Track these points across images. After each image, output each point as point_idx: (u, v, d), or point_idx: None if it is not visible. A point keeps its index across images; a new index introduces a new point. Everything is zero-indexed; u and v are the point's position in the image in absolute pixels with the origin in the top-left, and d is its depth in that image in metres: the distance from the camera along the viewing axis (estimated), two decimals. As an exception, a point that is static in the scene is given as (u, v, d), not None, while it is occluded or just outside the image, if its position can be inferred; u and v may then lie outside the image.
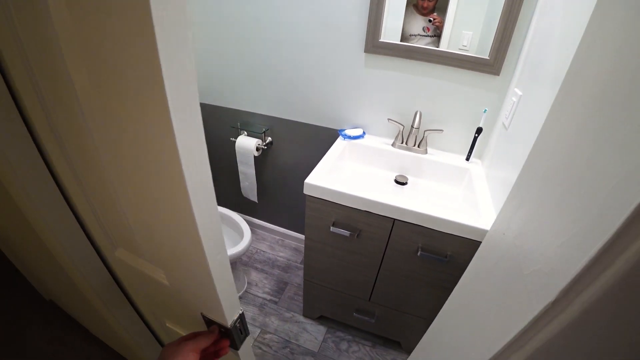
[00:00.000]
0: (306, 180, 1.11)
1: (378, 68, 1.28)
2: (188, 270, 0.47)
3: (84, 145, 0.46)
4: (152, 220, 0.46)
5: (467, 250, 0.99)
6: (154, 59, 0.27)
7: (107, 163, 0.44)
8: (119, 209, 0.51)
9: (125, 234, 0.57)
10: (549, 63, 0.84)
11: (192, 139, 0.34)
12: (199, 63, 1.64)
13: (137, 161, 0.39)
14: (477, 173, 1.22)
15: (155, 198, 0.41)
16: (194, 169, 0.34)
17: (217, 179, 2.05)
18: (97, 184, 0.52)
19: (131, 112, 0.34)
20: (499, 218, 0.68)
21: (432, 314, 1.24)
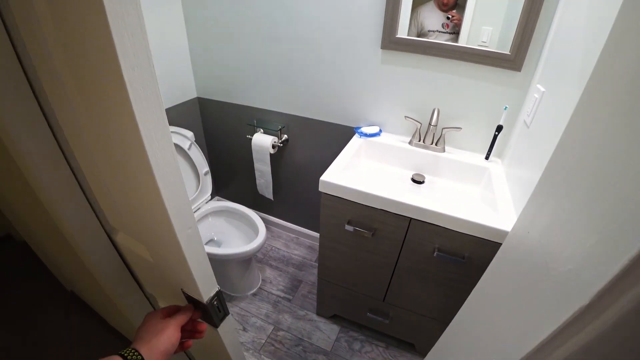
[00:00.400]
0: (321, 178, 1.10)
1: (395, 64, 1.26)
2: (163, 245, 0.49)
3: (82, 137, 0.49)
4: (132, 200, 0.49)
5: (485, 251, 0.97)
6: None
7: (96, 149, 0.48)
8: (108, 191, 0.55)
9: (119, 215, 0.60)
10: (574, 58, 0.81)
11: (151, 118, 0.36)
12: (215, 61, 1.65)
13: (109, 143, 0.43)
14: (496, 172, 1.19)
15: (128, 176, 0.44)
16: (157, 145, 0.37)
17: (233, 176, 2.07)
18: (93, 169, 0.55)
19: (98, 100, 0.38)
20: (523, 216, 0.65)
21: (448, 316, 1.22)
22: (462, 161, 1.25)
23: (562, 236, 0.45)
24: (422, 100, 1.29)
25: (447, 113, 1.26)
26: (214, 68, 1.68)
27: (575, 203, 0.43)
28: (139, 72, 0.33)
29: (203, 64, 1.70)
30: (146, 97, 0.34)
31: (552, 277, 0.43)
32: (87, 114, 0.43)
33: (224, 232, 1.77)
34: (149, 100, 0.34)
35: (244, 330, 1.60)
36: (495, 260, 0.75)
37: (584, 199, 0.42)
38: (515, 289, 0.58)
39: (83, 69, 0.37)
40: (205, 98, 1.82)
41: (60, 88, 0.44)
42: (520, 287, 0.56)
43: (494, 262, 0.75)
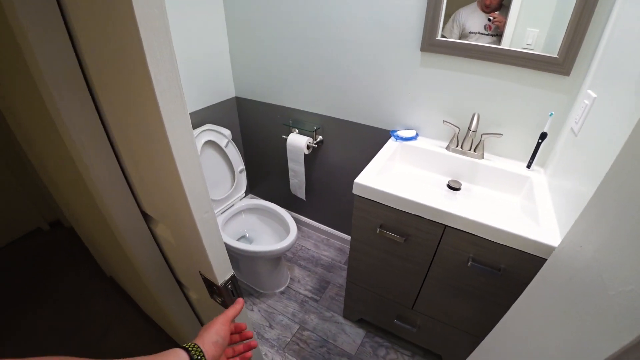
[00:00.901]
0: (356, 180, 1.09)
1: (434, 67, 1.24)
2: (183, 227, 0.53)
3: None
4: (159, 184, 0.53)
5: (523, 264, 0.92)
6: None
7: (134, 139, 0.51)
8: (142, 178, 0.58)
9: (152, 201, 0.64)
10: (633, 62, 0.75)
11: (173, 107, 0.39)
12: (254, 62, 1.68)
13: (142, 132, 0.46)
14: (538, 182, 1.13)
15: (156, 162, 0.47)
16: (178, 132, 0.40)
17: (267, 174, 2.10)
18: (132, 158, 0.58)
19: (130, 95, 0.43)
20: (574, 230, 0.61)
21: (480, 329, 1.18)
22: (502, 169, 1.20)
23: (621, 254, 0.41)
24: (461, 105, 1.26)
25: (488, 118, 1.22)
26: (253, 69, 1.72)
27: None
28: (162, 66, 0.36)
29: (242, 64, 1.74)
30: (169, 89, 0.37)
31: (610, 296, 0.40)
32: (124, 106, 0.47)
33: (256, 230, 1.80)
34: (171, 91, 0.38)
35: (270, 327, 1.62)
36: (541, 275, 0.71)
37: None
38: (563, 306, 0.54)
39: (119, 69, 0.41)
40: (243, 98, 1.87)
41: (103, 82, 0.47)
42: (571, 303, 0.52)
43: (540, 276, 0.71)
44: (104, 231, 0.96)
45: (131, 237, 0.69)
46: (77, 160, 0.60)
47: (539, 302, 0.68)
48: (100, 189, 0.60)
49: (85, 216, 1.20)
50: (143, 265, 0.75)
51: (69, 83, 0.50)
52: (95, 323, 1.65)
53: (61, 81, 0.49)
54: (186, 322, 0.99)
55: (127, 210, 0.66)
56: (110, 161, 0.60)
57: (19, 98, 0.90)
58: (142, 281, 0.92)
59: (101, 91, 0.52)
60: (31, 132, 1.10)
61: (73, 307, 1.73)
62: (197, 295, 0.86)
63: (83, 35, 0.46)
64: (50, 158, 1.05)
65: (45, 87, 0.49)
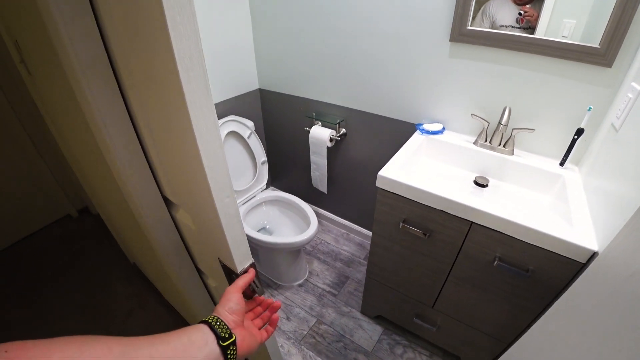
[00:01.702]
0: (380, 173, 1.06)
1: (464, 58, 1.19)
2: (203, 211, 0.53)
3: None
4: (179, 167, 0.52)
5: (554, 267, 0.87)
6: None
7: (154, 122, 0.52)
8: (162, 161, 0.58)
9: (171, 184, 0.64)
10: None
11: (196, 86, 0.38)
12: (278, 53, 1.67)
13: (163, 113, 0.46)
14: (572, 180, 1.07)
15: (177, 144, 0.47)
16: (200, 112, 0.39)
17: (288, 167, 2.10)
18: (153, 141, 0.58)
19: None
20: (624, 233, 0.56)
21: (503, 333, 1.13)
22: (533, 166, 1.14)
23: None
24: (492, 98, 1.20)
25: (520, 112, 1.16)
26: (277, 61, 1.71)
27: None
28: (187, 44, 0.35)
29: (266, 56, 1.74)
30: (192, 68, 0.36)
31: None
32: (146, 89, 0.46)
33: (276, 222, 1.80)
34: (195, 71, 0.37)
35: (287, 319, 1.62)
36: (583, 280, 0.65)
37: None
38: (615, 316, 0.50)
39: (142, 50, 0.40)
40: (266, 89, 1.86)
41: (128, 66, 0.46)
42: (624, 315, 0.48)
43: (581, 282, 0.65)
44: (127, 218, 0.98)
45: (152, 223, 0.70)
46: (102, 147, 0.61)
47: (578, 311, 0.62)
48: (123, 174, 0.61)
49: (110, 203, 1.23)
50: (164, 250, 0.76)
51: (96, 69, 0.50)
52: (118, 307, 1.70)
53: (89, 68, 0.49)
54: (205, 310, 1.00)
55: (149, 195, 0.67)
56: (133, 146, 0.60)
57: (49, 87, 0.92)
58: (162, 267, 0.93)
59: (126, 76, 0.52)
60: (61, 122, 1.14)
61: (99, 290, 1.79)
62: (216, 283, 0.86)
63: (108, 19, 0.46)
64: (78, 147, 1.08)
65: (73, 73, 0.49)
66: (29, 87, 1.32)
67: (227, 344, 0.44)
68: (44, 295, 1.77)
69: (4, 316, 1.66)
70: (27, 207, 2.11)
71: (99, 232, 2.16)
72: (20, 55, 1.06)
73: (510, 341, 1.14)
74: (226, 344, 0.44)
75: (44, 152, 2.04)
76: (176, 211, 0.71)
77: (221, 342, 0.43)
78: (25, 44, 0.90)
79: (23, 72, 1.18)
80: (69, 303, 1.72)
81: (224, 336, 0.44)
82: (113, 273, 1.89)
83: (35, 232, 2.20)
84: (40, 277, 1.88)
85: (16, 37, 0.98)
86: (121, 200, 0.79)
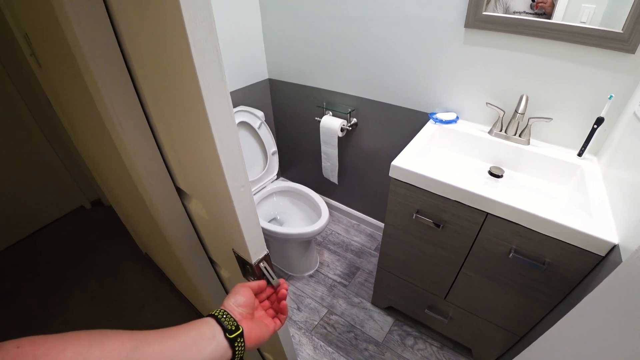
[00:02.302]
0: (393, 163, 1.05)
1: (479, 45, 1.15)
2: (218, 201, 0.52)
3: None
4: (193, 156, 0.51)
5: (572, 259, 0.85)
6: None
7: (166, 107, 0.50)
8: (175, 150, 0.58)
9: (184, 174, 0.63)
10: None
11: (210, 71, 0.36)
12: (287, 43, 1.65)
13: (175, 99, 0.45)
14: (591, 171, 1.04)
15: (190, 130, 0.46)
16: (214, 98, 0.38)
17: (298, 158, 2.09)
18: (165, 128, 0.57)
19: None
20: None
21: (517, 326, 1.12)
22: (550, 156, 1.11)
23: None
24: (508, 86, 1.17)
25: (537, 101, 1.13)
26: (286, 50, 1.69)
27: None
28: (201, 27, 0.33)
29: (275, 45, 1.72)
30: (206, 51, 0.35)
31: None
32: (159, 75, 0.45)
33: (287, 212, 1.80)
34: (209, 55, 0.35)
35: (298, 309, 1.63)
36: (616, 276, 0.61)
37: None
38: None
39: (152, 34, 0.39)
40: (276, 79, 1.85)
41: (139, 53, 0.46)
42: None
43: (614, 278, 0.61)
44: (140, 208, 0.98)
45: (165, 213, 0.69)
46: (115, 138, 0.61)
47: (615, 311, 0.59)
48: (136, 164, 0.60)
49: (122, 195, 1.24)
50: (177, 241, 0.76)
51: (108, 59, 0.50)
52: (132, 297, 1.72)
53: (100, 58, 0.49)
54: (218, 300, 1.00)
55: (162, 186, 0.66)
56: (145, 136, 0.60)
57: (60, 79, 0.92)
58: (175, 258, 0.93)
59: (138, 66, 0.51)
60: (73, 114, 1.14)
61: (112, 281, 1.81)
62: (229, 273, 0.86)
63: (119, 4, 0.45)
64: (90, 140, 1.08)
65: (85, 63, 0.48)
66: (39, 79, 1.32)
67: (234, 336, 0.44)
68: (59, 285, 1.80)
69: (23, 303, 1.71)
70: (42, 200, 2.15)
71: (112, 223, 2.19)
72: (30, 47, 1.06)
73: (523, 334, 1.13)
74: (233, 336, 0.44)
75: (56, 144, 2.07)
76: (189, 202, 0.70)
77: (228, 335, 0.44)
78: (35, 37, 0.90)
79: (34, 64, 1.18)
80: (83, 292, 1.75)
81: (231, 329, 0.45)
82: (126, 264, 1.92)
83: (50, 224, 2.24)
84: (56, 267, 1.92)
85: (26, 30, 0.98)
86: (134, 191, 0.79)
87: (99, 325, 1.58)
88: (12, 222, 2.04)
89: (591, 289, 0.63)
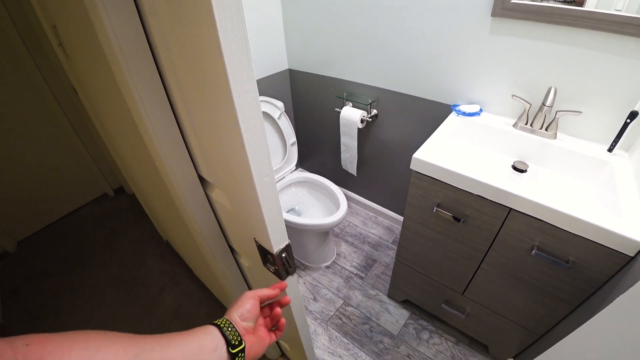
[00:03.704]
0: (415, 155, 1.03)
1: (507, 35, 1.11)
2: (241, 191, 0.52)
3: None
4: (217, 146, 0.52)
5: (598, 259, 0.83)
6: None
7: (192, 99, 0.51)
8: (199, 140, 0.58)
9: (207, 164, 0.64)
10: None
11: (238, 61, 0.36)
12: (308, 33, 1.64)
13: (202, 89, 0.45)
14: (621, 168, 1.00)
15: (216, 121, 0.46)
16: (241, 87, 0.38)
17: (317, 149, 2.09)
18: (190, 119, 0.58)
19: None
20: None
21: (536, 324, 1.10)
22: (577, 151, 1.07)
23: None
24: (535, 78, 1.13)
25: (566, 93, 1.09)
26: (306, 40, 1.67)
27: None
28: (229, 15, 0.33)
29: (295, 36, 1.71)
30: (234, 41, 0.35)
31: None
32: (182, 58, 0.46)
33: (305, 203, 1.81)
34: (237, 44, 0.35)
35: (314, 300, 1.64)
36: None
37: None
38: None
39: (180, 24, 0.40)
40: (296, 70, 1.84)
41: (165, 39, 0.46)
42: None
43: None
44: (162, 197, 1.00)
45: (188, 201, 0.71)
46: (140, 126, 0.62)
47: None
48: (160, 153, 0.61)
49: (145, 183, 1.26)
50: (198, 229, 0.77)
51: (134, 47, 0.50)
52: (152, 282, 1.77)
53: (127, 46, 0.49)
54: (236, 288, 1.02)
55: (185, 175, 0.67)
56: (170, 124, 0.61)
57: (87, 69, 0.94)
58: (196, 245, 0.95)
59: (164, 54, 0.51)
60: (99, 104, 1.17)
61: (133, 266, 1.87)
62: (249, 262, 0.87)
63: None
64: (115, 128, 1.11)
65: (112, 52, 0.49)
66: (66, 69, 1.36)
67: (236, 351, 0.44)
68: (83, 269, 1.88)
69: (49, 286, 1.78)
70: (68, 187, 2.23)
71: (134, 211, 2.25)
72: (58, 38, 1.09)
73: (542, 333, 1.10)
74: (235, 351, 0.44)
75: (82, 134, 2.14)
76: (212, 190, 0.71)
77: (231, 350, 0.44)
78: (63, 27, 0.92)
79: (61, 55, 1.21)
80: (106, 277, 1.82)
81: (234, 343, 0.45)
82: (147, 250, 1.97)
83: (76, 210, 2.33)
84: (81, 252, 1.99)
85: (54, 21, 1.00)
86: (157, 179, 0.80)
87: (120, 307, 1.64)
88: (40, 208, 2.13)
89: (619, 290, 0.61)
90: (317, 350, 1.44)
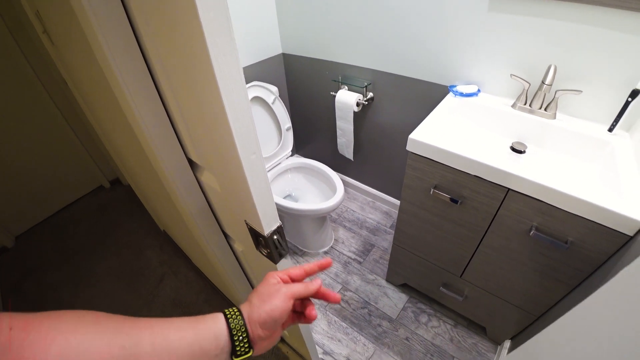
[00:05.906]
0: (411, 136, 1.01)
1: (505, 12, 1.08)
2: (229, 171, 0.51)
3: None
4: (202, 123, 0.50)
5: (597, 239, 0.82)
6: None
7: (175, 75, 0.49)
8: (187, 121, 0.57)
9: (195, 145, 0.63)
10: None
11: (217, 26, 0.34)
12: (301, 15, 1.59)
13: (182, 62, 0.43)
14: (622, 148, 0.97)
15: (199, 95, 0.44)
16: (222, 58, 0.36)
17: (313, 134, 2.07)
18: (177, 102, 0.56)
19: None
20: None
21: (534, 306, 1.10)
22: (577, 132, 1.05)
23: None
24: (534, 56, 1.10)
25: (566, 72, 1.06)
26: (300, 23, 1.63)
27: None
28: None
29: (289, 19, 1.66)
30: (212, 8, 0.33)
31: None
32: (163, 37, 0.44)
33: (302, 189, 1.80)
34: (215, 10, 0.33)
35: (313, 285, 1.64)
36: None
37: None
38: None
39: None
40: (290, 54, 1.80)
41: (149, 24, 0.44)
42: None
43: None
44: (154, 184, 0.99)
45: (178, 186, 0.69)
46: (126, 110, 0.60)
47: (634, 298, 0.55)
48: (148, 137, 0.60)
49: (139, 172, 1.25)
50: (190, 214, 0.76)
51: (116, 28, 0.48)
52: (151, 272, 1.77)
53: (109, 31, 0.47)
54: (232, 274, 1.01)
55: (174, 158, 0.66)
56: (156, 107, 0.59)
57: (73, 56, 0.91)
58: (190, 232, 0.94)
59: (147, 36, 0.49)
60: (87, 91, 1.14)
61: (132, 257, 1.87)
62: (243, 246, 0.86)
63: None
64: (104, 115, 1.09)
65: (95, 37, 0.47)
66: (53, 57, 1.32)
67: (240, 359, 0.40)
68: (82, 261, 1.87)
69: (49, 280, 1.78)
70: (63, 180, 2.21)
71: (131, 202, 2.24)
72: (42, 25, 1.05)
73: (539, 314, 1.10)
74: (240, 359, 0.40)
75: (75, 125, 2.11)
76: (201, 174, 0.70)
77: (234, 358, 0.40)
78: (47, 13, 0.89)
79: (47, 42, 1.17)
80: (106, 268, 1.81)
81: (240, 353, 0.40)
82: (145, 240, 1.96)
83: (72, 203, 2.32)
84: (79, 245, 1.98)
85: (37, 7, 0.97)
86: (148, 165, 0.79)
87: (121, 298, 1.64)
88: (36, 202, 2.12)
89: (618, 270, 0.60)
90: (316, 335, 1.45)
